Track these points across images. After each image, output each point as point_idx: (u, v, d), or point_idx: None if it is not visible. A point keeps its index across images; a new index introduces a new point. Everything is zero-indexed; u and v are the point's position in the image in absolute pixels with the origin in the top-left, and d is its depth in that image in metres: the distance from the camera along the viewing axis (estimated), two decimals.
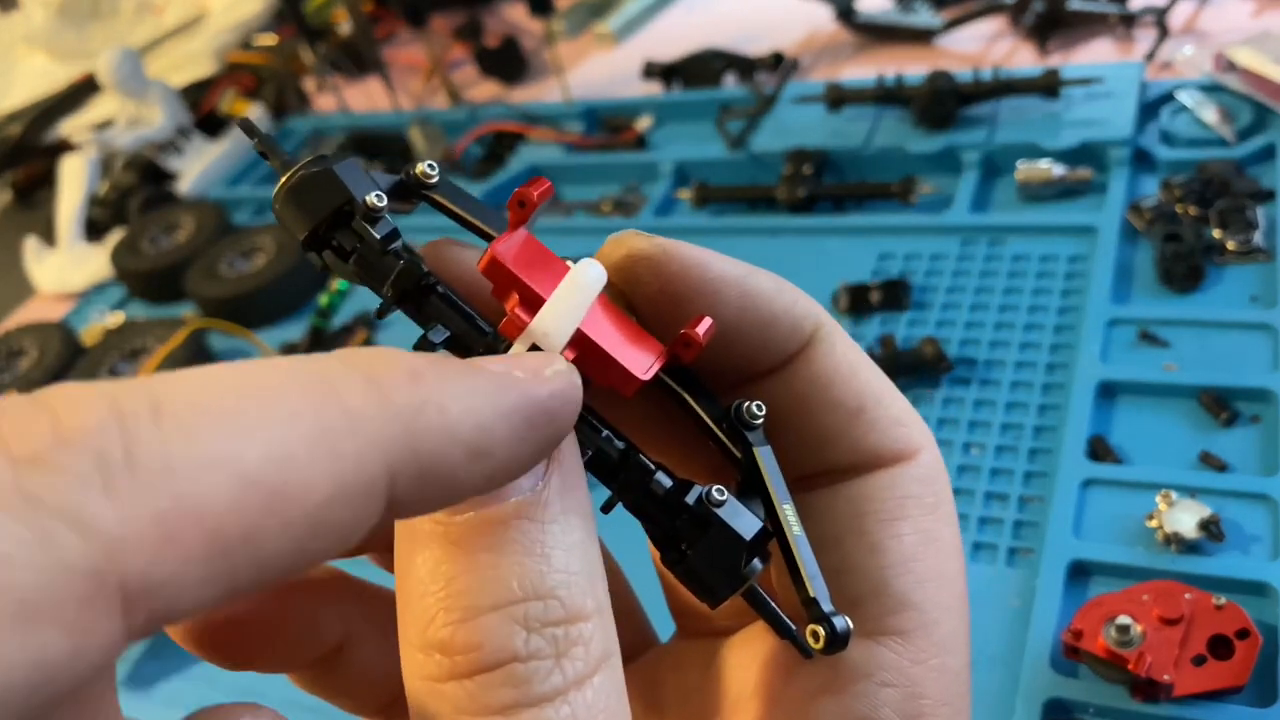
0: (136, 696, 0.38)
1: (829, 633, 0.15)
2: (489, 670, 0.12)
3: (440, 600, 0.12)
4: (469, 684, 0.12)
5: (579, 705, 0.12)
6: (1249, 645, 0.28)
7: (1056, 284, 0.43)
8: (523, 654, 0.12)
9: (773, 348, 0.16)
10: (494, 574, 0.12)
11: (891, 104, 0.53)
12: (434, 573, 0.12)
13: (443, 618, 0.12)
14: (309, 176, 0.15)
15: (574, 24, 0.80)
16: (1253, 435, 0.35)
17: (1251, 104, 0.47)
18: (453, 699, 0.12)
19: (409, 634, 0.12)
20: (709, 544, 0.15)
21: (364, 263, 0.15)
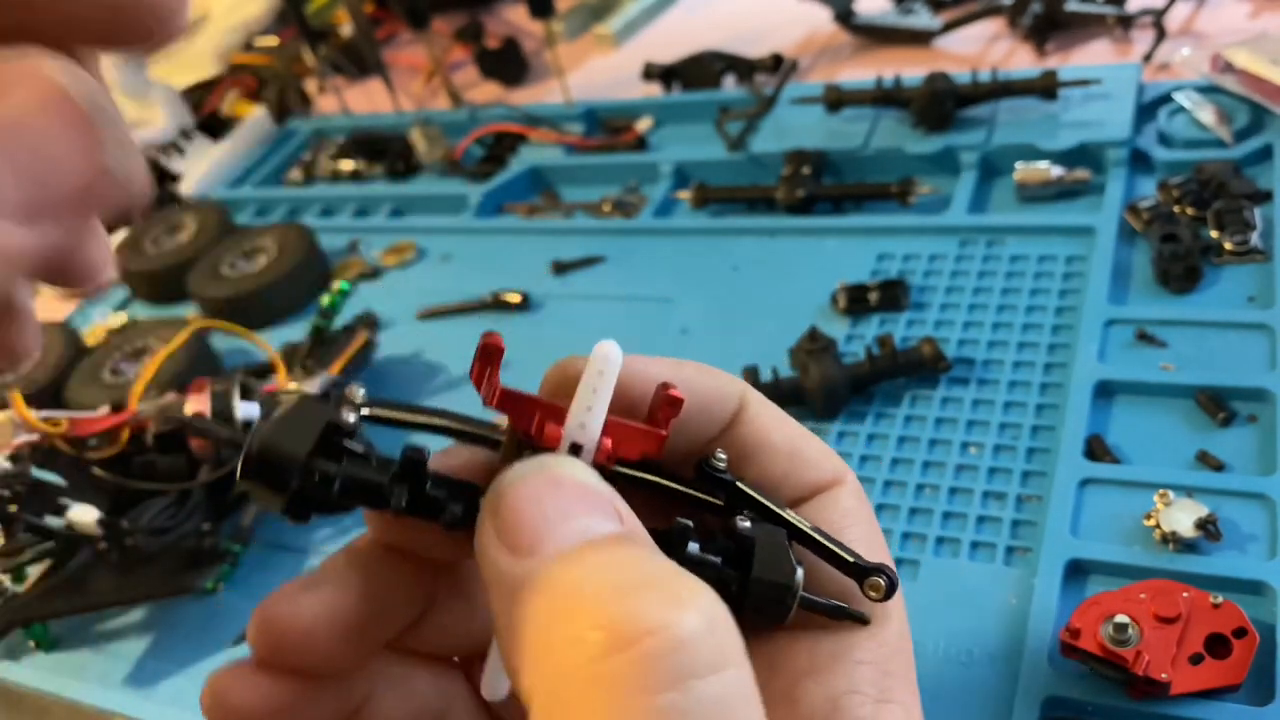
0: (138, 696, 0.38)
1: (887, 581, 0.18)
2: (653, 637, 0.12)
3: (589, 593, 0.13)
4: (634, 654, 0.12)
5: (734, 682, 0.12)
6: (1246, 644, 0.28)
7: (1054, 284, 0.43)
8: (684, 623, 0.12)
9: (713, 419, 0.18)
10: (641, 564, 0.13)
11: (890, 105, 0.53)
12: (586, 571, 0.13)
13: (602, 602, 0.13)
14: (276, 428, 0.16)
15: (574, 26, 0.80)
16: (1250, 435, 0.35)
17: (1249, 105, 0.47)
18: (620, 677, 0.12)
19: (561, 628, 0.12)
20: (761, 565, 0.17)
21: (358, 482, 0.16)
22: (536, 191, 0.62)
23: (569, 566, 0.13)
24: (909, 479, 0.37)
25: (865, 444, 0.39)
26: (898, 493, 0.37)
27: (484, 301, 0.52)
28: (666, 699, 0.11)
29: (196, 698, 0.38)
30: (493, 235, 0.58)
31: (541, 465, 0.15)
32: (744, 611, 0.17)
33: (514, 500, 0.14)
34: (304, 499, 0.16)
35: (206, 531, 0.40)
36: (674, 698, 0.12)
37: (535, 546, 0.14)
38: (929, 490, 0.36)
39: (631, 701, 0.11)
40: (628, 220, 0.55)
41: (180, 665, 0.39)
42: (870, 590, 0.18)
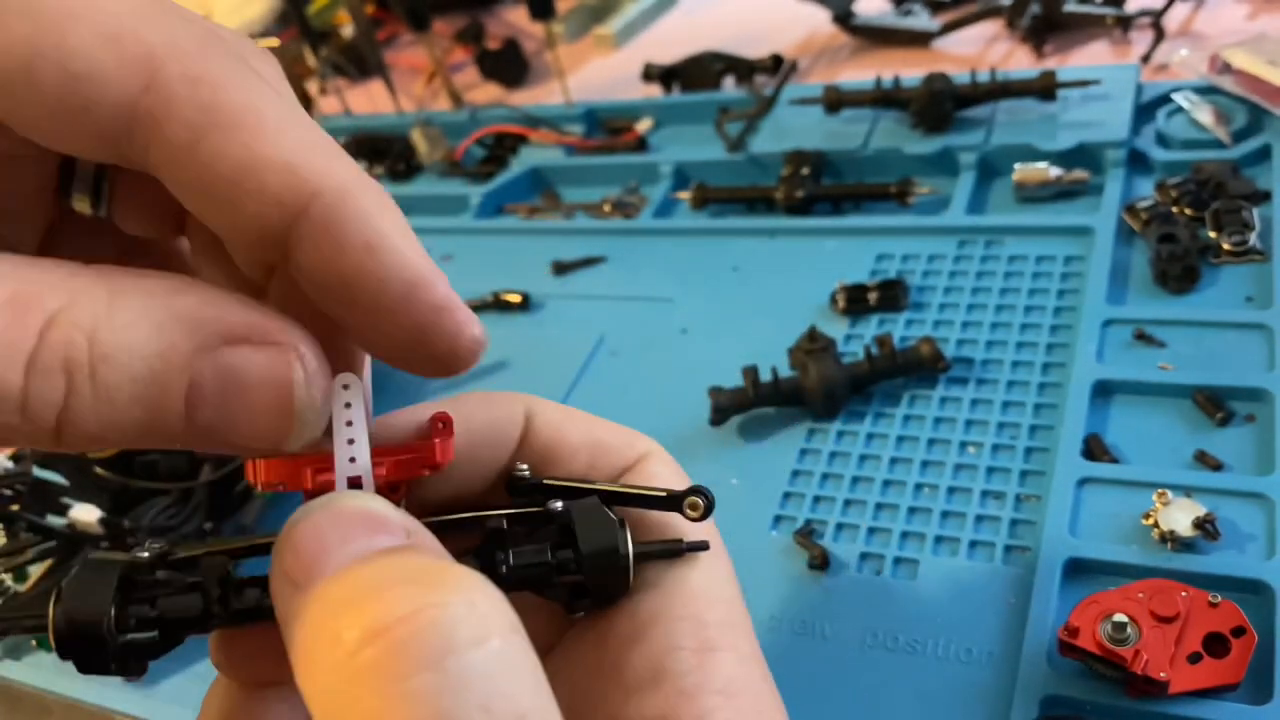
0: (139, 694, 0.38)
1: (704, 499, 0.18)
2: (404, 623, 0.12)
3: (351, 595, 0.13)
4: (385, 643, 0.12)
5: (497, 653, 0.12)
6: (1244, 643, 0.28)
7: (1053, 284, 0.43)
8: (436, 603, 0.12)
9: (504, 439, 0.19)
10: None
11: (889, 106, 0.53)
12: None
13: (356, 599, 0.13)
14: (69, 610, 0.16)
15: (574, 27, 0.81)
16: (1248, 434, 0.35)
17: (1247, 105, 0.47)
18: (374, 666, 0.12)
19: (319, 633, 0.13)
20: (585, 537, 0.17)
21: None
22: (537, 192, 0.62)
23: (337, 583, 0.13)
24: (908, 478, 0.37)
25: (864, 444, 0.39)
26: (897, 492, 0.37)
27: (485, 301, 0.52)
28: (422, 680, 0.11)
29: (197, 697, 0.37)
30: (493, 235, 0.58)
31: (324, 501, 0.15)
32: (589, 587, 0.17)
33: (295, 537, 0.14)
34: (131, 651, 0.16)
35: (208, 531, 0.40)
36: (429, 678, 0.11)
37: (312, 575, 0.13)
38: (928, 490, 0.37)
39: (389, 688, 0.11)
40: (628, 220, 0.56)
41: (181, 664, 0.39)
42: (689, 510, 0.18)
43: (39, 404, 0.13)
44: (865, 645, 0.32)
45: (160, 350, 0.13)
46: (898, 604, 0.33)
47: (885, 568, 0.34)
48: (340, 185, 0.14)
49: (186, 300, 0.14)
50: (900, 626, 0.32)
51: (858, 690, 0.31)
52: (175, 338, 0.14)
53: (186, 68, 0.14)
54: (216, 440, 0.15)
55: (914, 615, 0.32)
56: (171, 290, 0.14)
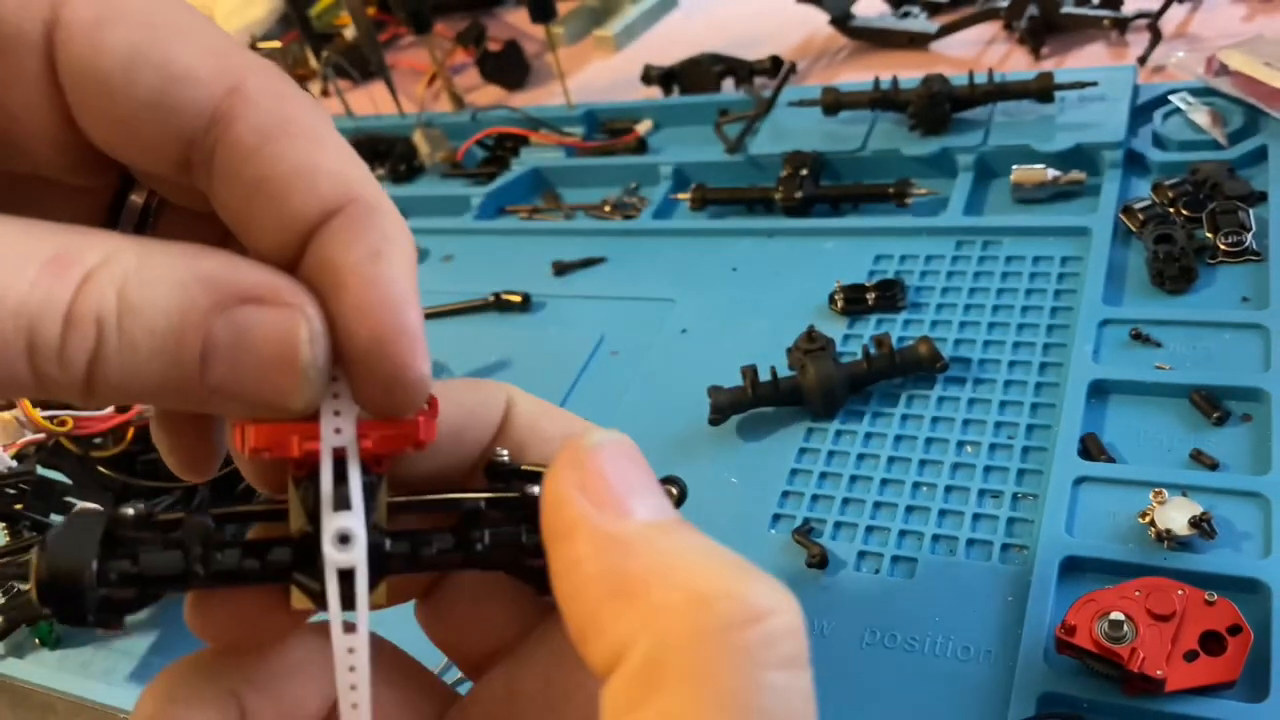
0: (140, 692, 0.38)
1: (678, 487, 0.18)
2: (774, 617, 0.13)
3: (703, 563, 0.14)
4: (762, 629, 0.13)
5: (811, 678, 0.13)
6: (1241, 641, 0.28)
7: (1050, 285, 0.43)
8: (790, 611, 0.13)
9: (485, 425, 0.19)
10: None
11: (887, 108, 0.54)
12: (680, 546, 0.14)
13: (721, 573, 0.13)
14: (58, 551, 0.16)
15: (575, 30, 0.81)
16: (1244, 434, 0.35)
17: (1243, 107, 0.47)
18: (748, 648, 0.13)
19: (668, 591, 0.13)
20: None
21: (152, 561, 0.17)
22: (538, 193, 0.62)
23: (667, 536, 0.14)
24: (906, 478, 0.37)
25: (862, 443, 0.39)
26: (895, 491, 0.37)
27: (486, 301, 0.53)
28: (779, 676, 0.13)
29: None
30: (494, 236, 0.59)
31: (618, 438, 0.16)
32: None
33: (602, 460, 0.15)
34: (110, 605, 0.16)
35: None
36: (784, 677, 0.13)
37: (625, 508, 0.14)
38: (926, 489, 0.37)
39: (750, 671, 0.12)
40: (628, 221, 0.56)
41: None
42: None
43: (73, 353, 0.14)
44: (863, 643, 0.32)
45: (180, 306, 0.15)
46: (896, 602, 0.33)
47: (883, 566, 0.35)
48: (373, 198, 0.16)
49: (207, 263, 0.15)
50: (898, 624, 0.32)
51: (856, 688, 0.31)
52: (194, 295, 0.15)
53: (266, 84, 0.16)
54: (227, 396, 0.15)
55: (912, 613, 0.33)
56: (195, 254, 0.15)
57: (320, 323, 0.16)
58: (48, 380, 0.14)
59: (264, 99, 0.16)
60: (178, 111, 0.16)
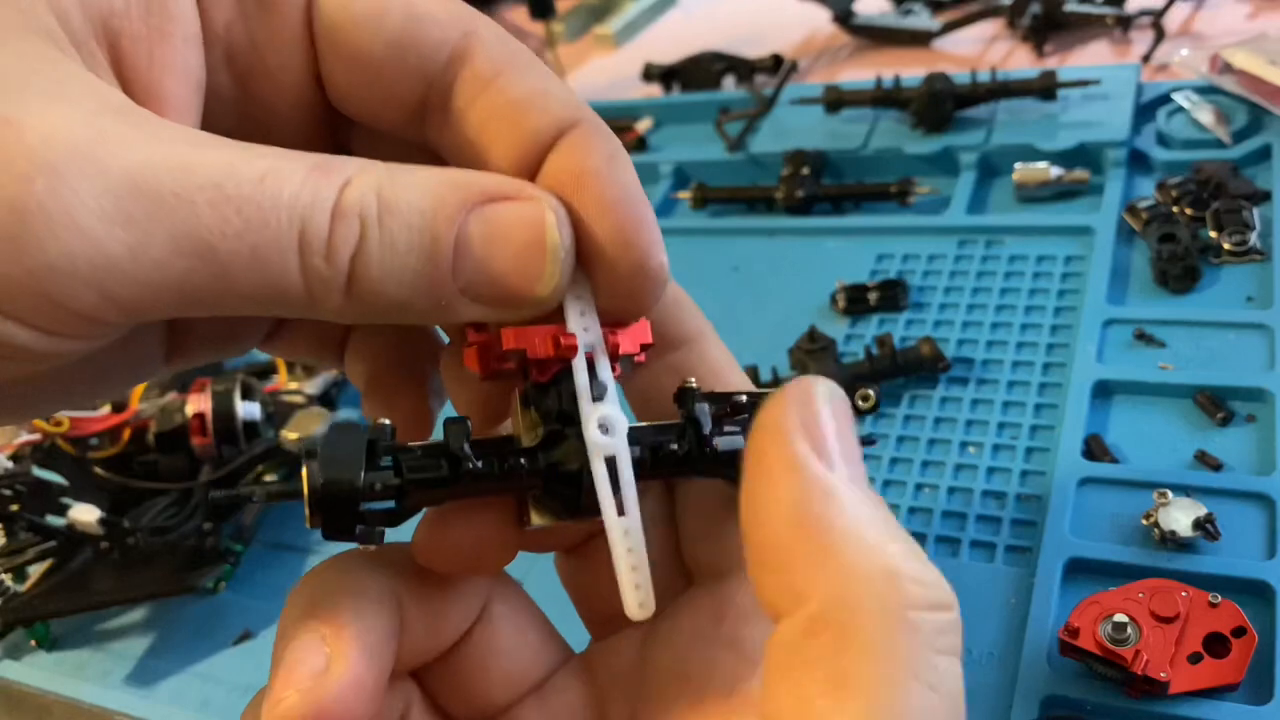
0: (138, 695, 0.38)
1: (875, 392, 0.20)
2: (949, 610, 0.14)
3: (895, 541, 0.14)
4: (940, 617, 0.14)
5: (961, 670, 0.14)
6: (1245, 643, 0.28)
7: (1053, 284, 0.43)
8: (955, 606, 0.14)
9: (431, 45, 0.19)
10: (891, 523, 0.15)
11: (889, 106, 0.53)
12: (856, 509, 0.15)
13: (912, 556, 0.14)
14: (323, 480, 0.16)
15: (574, 27, 0.81)
16: (1248, 435, 0.35)
17: (1247, 105, 0.47)
18: (926, 630, 0.13)
19: (865, 557, 0.14)
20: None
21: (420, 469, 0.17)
22: None
23: (866, 503, 0.15)
24: (908, 478, 0.37)
25: (867, 432, 0.39)
26: (897, 492, 0.37)
27: None
28: (945, 661, 0.13)
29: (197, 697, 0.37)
30: None
31: (830, 388, 0.16)
32: None
33: (827, 412, 0.16)
34: (373, 518, 0.17)
35: (208, 531, 0.40)
36: (950, 663, 0.14)
37: (834, 462, 0.15)
38: (928, 489, 0.37)
39: (926, 653, 0.13)
40: None
41: (181, 665, 0.39)
42: (861, 400, 0.19)
43: (339, 247, 0.15)
44: None
45: (433, 205, 0.16)
46: None
47: None
48: (597, 120, 0.18)
49: (452, 172, 0.16)
50: None
51: None
52: (445, 195, 0.16)
53: (493, 29, 0.18)
54: (477, 293, 0.16)
55: None
56: (439, 169, 0.16)
57: (564, 211, 0.17)
58: (313, 276, 0.15)
59: (494, 40, 0.18)
60: (421, 50, 0.18)
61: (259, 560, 0.42)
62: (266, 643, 0.38)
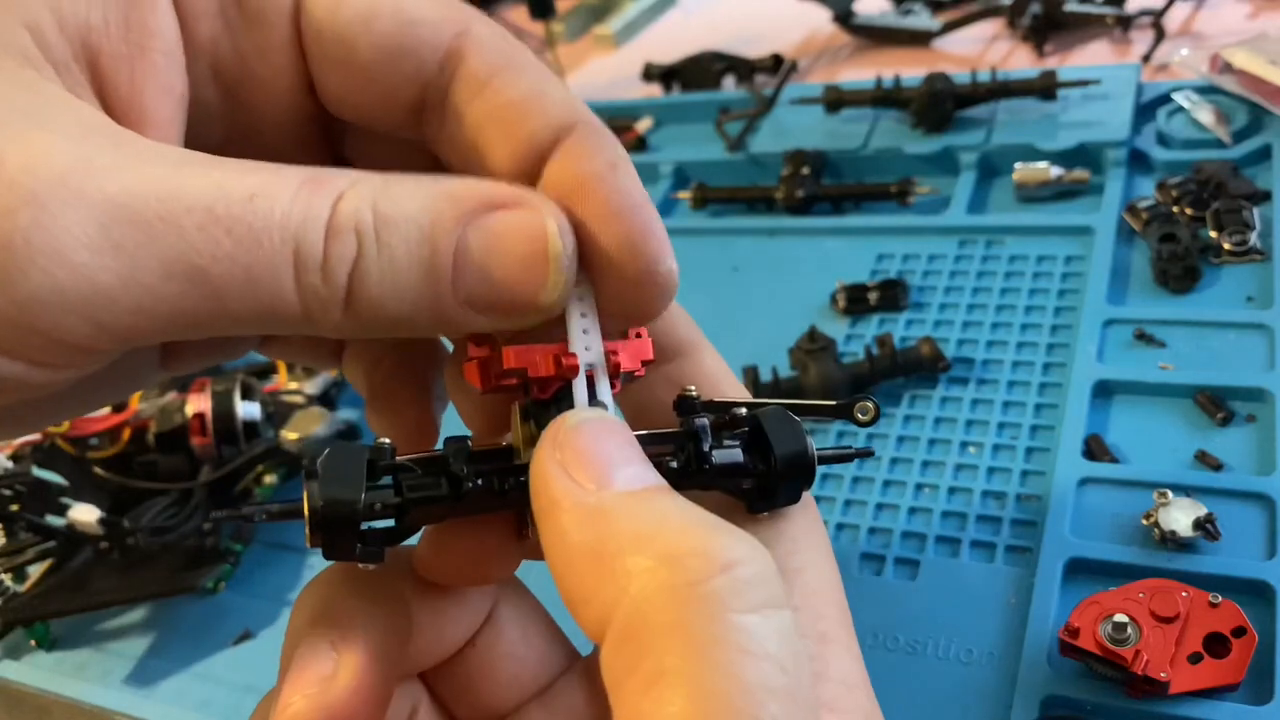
0: (138, 695, 0.38)
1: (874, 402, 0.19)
2: (742, 566, 0.13)
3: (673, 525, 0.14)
4: (729, 578, 0.13)
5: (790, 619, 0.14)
6: (1245, 643, 0.28)
7: (1053, 284, 0.43)
8: (760, 560, 0.14)
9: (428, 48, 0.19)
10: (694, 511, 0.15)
11: (889, 106, 0.53)
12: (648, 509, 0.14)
13: (689, 532, 0.14)
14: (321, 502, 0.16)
15: (575, 27, 0.81)
16: (1249, 434, 0.35)
17: (1247, 105, 0.47)
18: (716, 597, 0.13)
19: (640, 556, 0.14)
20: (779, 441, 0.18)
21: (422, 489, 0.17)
22: None
23: (642, 503, 0.14)
24: (908, 478, 0.37)
25: (864, 443, 0.39)
26: (897, 492, 0.37)
27: None
28: (751, 619, 0.13)
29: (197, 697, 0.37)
30: None
31: (599, 414, 0.16)
32: (779, 488, 0.18)
33: (582, 438, 0.15)
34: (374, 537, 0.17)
35: (207, 531, 0.40)
36: (756, 620, 0.13)
37: (605, 480, 0.15)
38: (928, 490, 0.37)
39: (724, 617, 0.13)
40: None
41: (181, 664, 0.39)
42: (860, 414, 0.19)
43: (336, 264, 0.15)
44: (866, 646, 0.32)
45: (431, 218, 0.15)
46: (898, 604, 0.33)
47: (886, 568, 0.34)
48: (597, 121, 0.18)
49: (448, 182, 0.16)
50: (901, 627, 0.32)
51: None
52: (442, 206, 0.15)
53: (488, 28, 0.18)
54: (480, 305, 0.16)
55: (914, 616, 0.32)
56: (434, 177, 0.16)
57: (565, 218, 0.16)
58: (310, 295, 0.15)
59: (489, 39, 0.18)
60: (414, 53, 0.17)
61: (259, 560, 0.42)
62: (266, 642, 0.38)
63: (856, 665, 0.18)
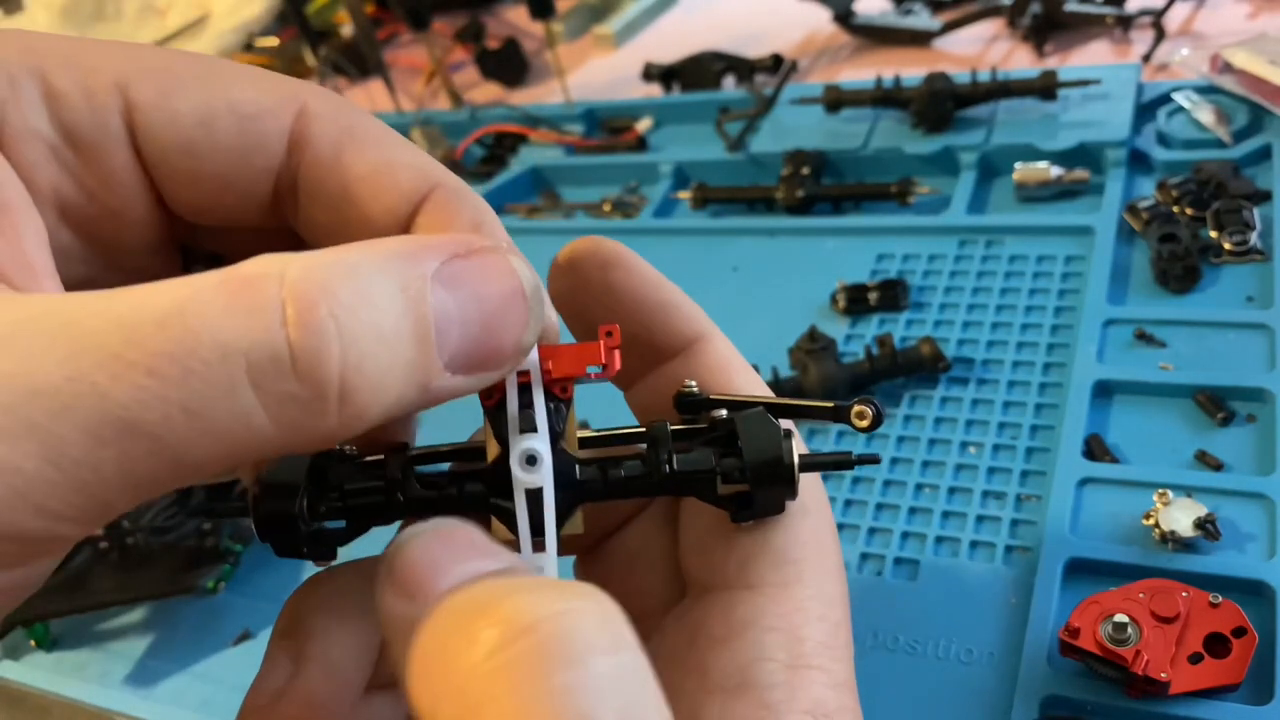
0: (138, 695, 0.38)
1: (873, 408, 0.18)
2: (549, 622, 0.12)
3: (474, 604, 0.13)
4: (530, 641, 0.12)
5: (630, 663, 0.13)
6: (1245, 643, 0.28)
7: (1053, 284, 0.43)
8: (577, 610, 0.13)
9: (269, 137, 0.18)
10: None
11: (889, 106, 0.53)
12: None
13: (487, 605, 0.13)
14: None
15: (574, 26, 0.81)
16: (1249, 434, 0.35)
17: (1248, 105, 0.47)
18: (518, 664, 0.12)
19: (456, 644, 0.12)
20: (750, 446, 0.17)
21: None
22: (537, 192, 0.62)
23: (464, 593, 0.13)
24: (908, 479, 0.37)
25: (864, 444, 0.39)
26: (897, 492, 0.37)
27: None
28: (565, 679, 0.12)
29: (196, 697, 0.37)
30: None
31: (434, 523, 0.15)
32: (755, 496, 0.17)
33: (407, 551, 0.14)
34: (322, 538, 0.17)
35: (207, 531, 0.40)
36: (573, 676, 0.12)
37: (426, 588, 0.14)
38: (928, 490, 0.37)
39: (534, 685, 0.11)
40: (628, 220, 0.55)
41: (180, 665, 0.39)
42: (857, 419, 0.18)
43: (315, 360, 0.13)
44: (865, 646, 0.32)
45: (400, 284, 0.14)
46: (898, 605, 0.33)
47: (885, 568, 0.34)
48: (454, 181, 0.17)
49: (395, 242, 0.15)
50: (900, 627, 0.32)
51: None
52: (405, 269, 0.14)
53: (324, 102, 0.17)
54: (465, 361, 0.15)
55: (914, 616, 0.32)
56: (365, 244, 0.14)
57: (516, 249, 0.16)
58: (289, 406, 0.13)
59: (327, 114, 0.17)
60: (259, 147, 0.17)
61: (259, 560, 0.42)
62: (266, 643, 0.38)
63: (834, 693, 0.17)
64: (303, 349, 0.13)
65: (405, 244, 0.15)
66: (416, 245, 0.15)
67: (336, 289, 0.13)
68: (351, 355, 0.13)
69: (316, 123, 0.17)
